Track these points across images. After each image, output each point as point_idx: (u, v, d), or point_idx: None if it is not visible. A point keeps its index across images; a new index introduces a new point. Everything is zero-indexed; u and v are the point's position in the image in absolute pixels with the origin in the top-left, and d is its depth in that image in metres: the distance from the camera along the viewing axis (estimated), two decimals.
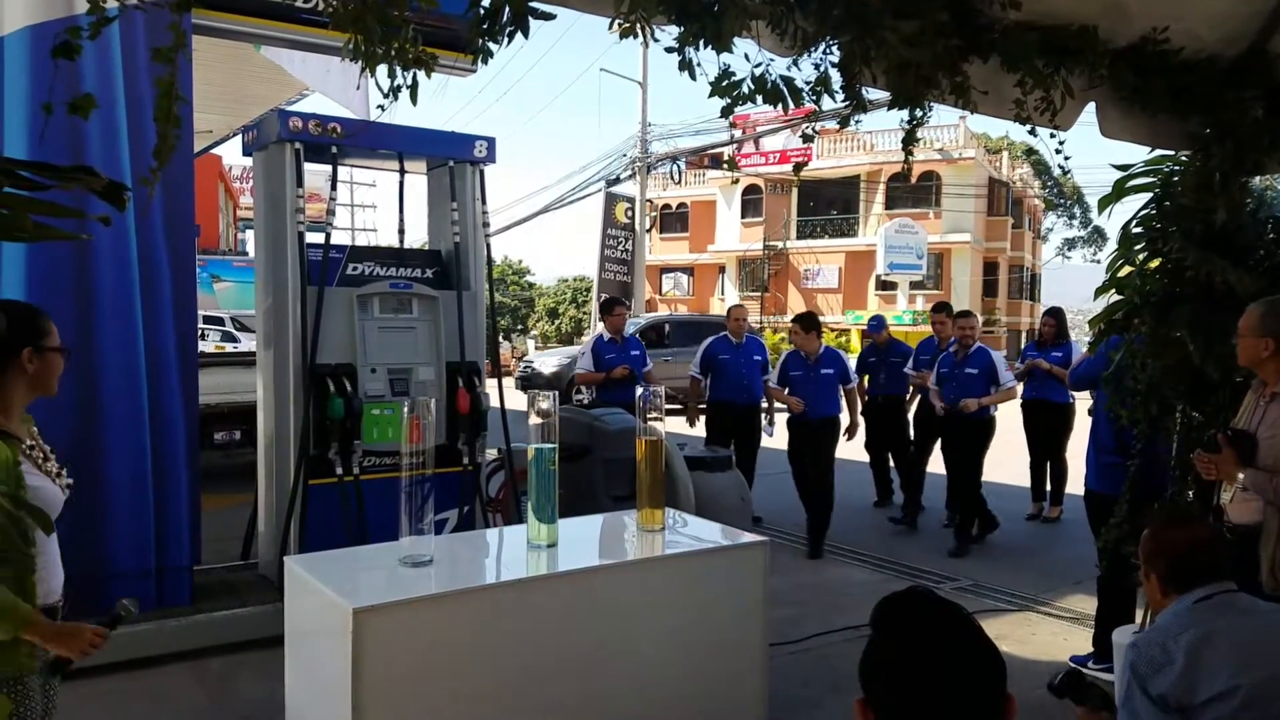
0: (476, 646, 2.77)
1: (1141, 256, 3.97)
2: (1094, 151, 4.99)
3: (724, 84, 2.82)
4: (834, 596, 5.48)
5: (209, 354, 11.69)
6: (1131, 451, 3.93)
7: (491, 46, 2.30)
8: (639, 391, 3.45)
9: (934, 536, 7.03)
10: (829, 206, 34.76)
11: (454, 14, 2.28)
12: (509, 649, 2.81)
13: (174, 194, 4.35)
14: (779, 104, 2.87)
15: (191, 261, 4.62)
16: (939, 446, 7.23)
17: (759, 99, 2.90)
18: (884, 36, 2.91)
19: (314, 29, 4.67)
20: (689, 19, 2.57)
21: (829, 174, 33.21)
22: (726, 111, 2.89)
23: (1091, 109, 3.78)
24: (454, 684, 2.73)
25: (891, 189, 32.71)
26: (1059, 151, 3.61)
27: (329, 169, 4.84)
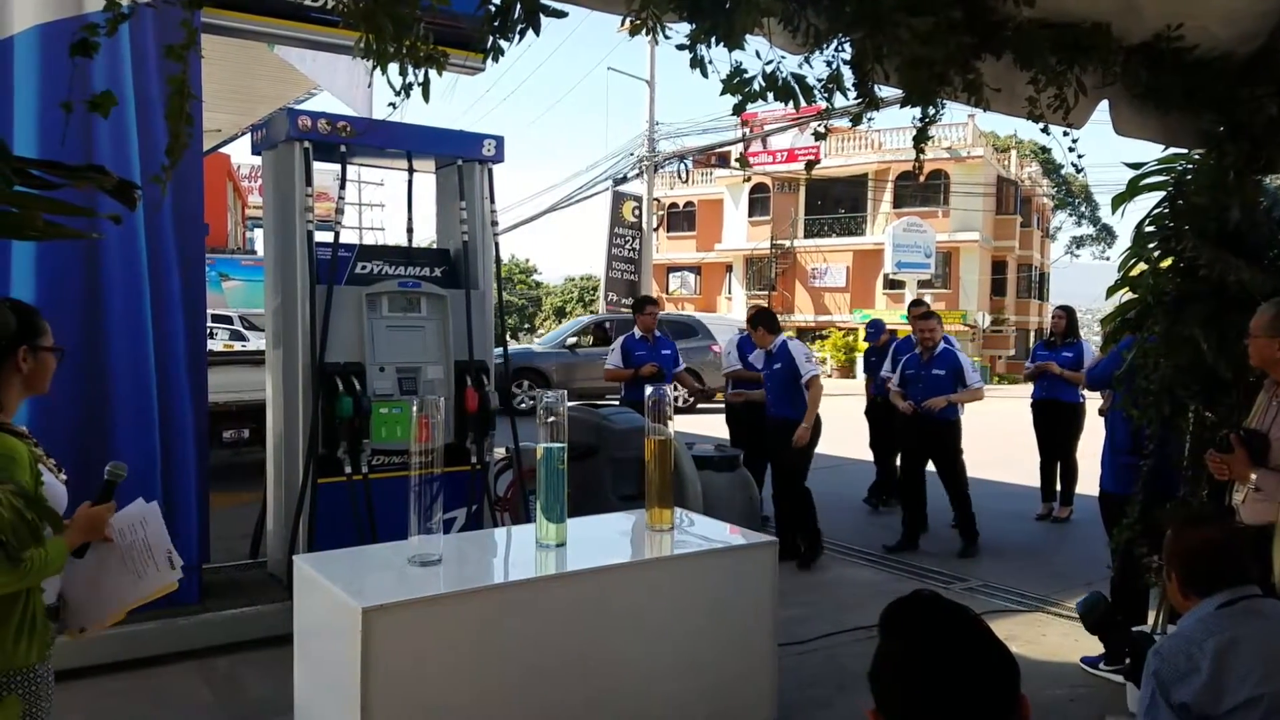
0: (485, 645, 2.77)
1: (1155, 255, 3.95)
2: (1104, 149, 4.96)
3: (736, 81, 2.81)
4: (842, 596, 5.46)
5: (217, 352, 11.70)
6: (1144, 452, 3.91)
7: (502, 44, 2.29)
8: (648, 391, 3.45)
9: (941, 537, 7.01)
10: (837, 205, 34.69)
11: (465, 12, 2.28)
12: (517, 648, 2.80)
13: (183, 193, 4.34)
14: (790, 101, 2.85)
15: (201, 260, 4.61)
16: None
17: (770, 96, 2.88)
18: (897, 33, 2.89)
19: (324, 28, 4.66)
20: (701, 16, 2.56)
21: (837, 172, 33.13)
22: (738, 109, 2.88)
23: (1104, 107, 3.75)
24: (463, 683, 2.73)
25: (900, 187, 32.63)
26: (1072, 149, 3.59)
27: (338, 168, 4.84)
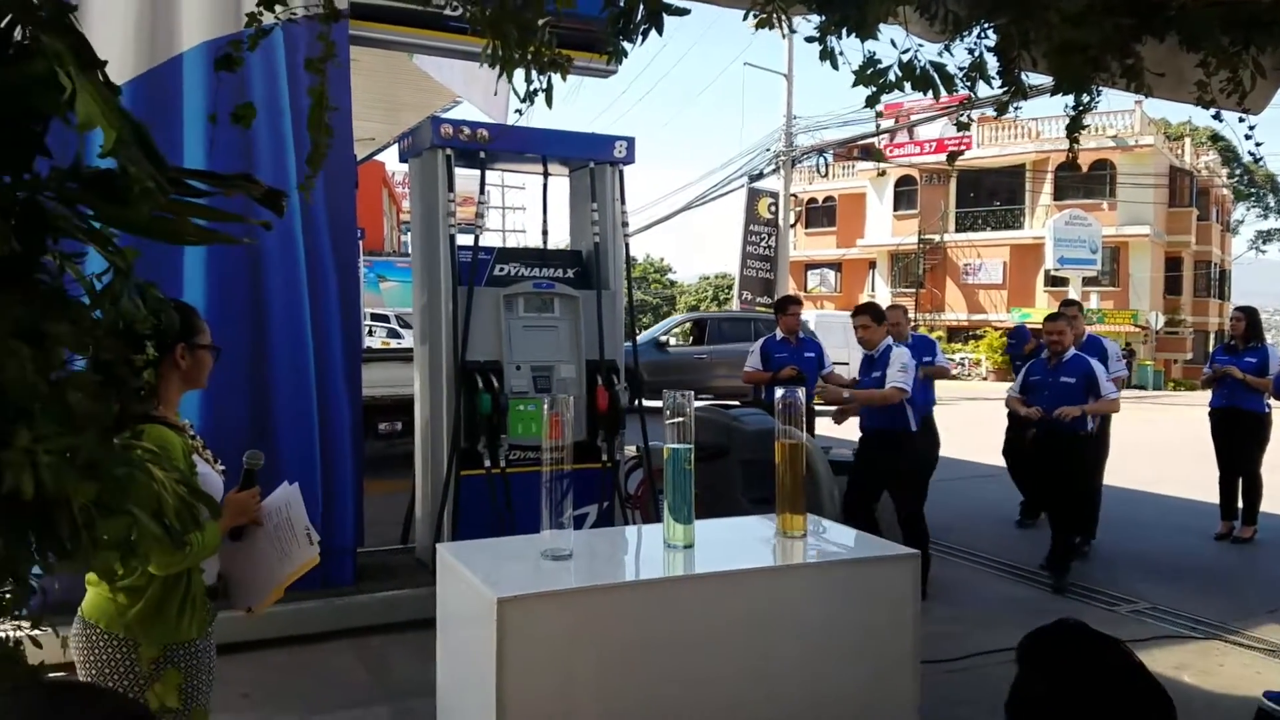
0: (612, 642, 2.79)
1: None
2: None
3: (869, 73, 2.72)
4: (993, 613, 5.20)
5: (375, 350, 12.36)
6: None
7: (627, 46, 2.30)
8: (779, 393, 3.38)
9: (1107, 553, 6.59)
10: (991, 197, 33.18)
11: (590, 15, 2.30)
12: (643, 647, 2.81)
13: (337, 199, 4.61)
14: (929, 91, 2.74)
15: (355, 264, 4.88)
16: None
17: (908, 87, 2.78)
18: (1045, 17, 2.73)
19: (461, 36, 4.84)
20: (831, 7, 2.50)
21: (991, 163, 31.69)
22: (872, 101, 2.79)
23: None
24: (590, 676, 2.76)
25: (1060, 178, 30.89)
26: (1249, 137, 3.29)
27: (481, 174, 5.00)
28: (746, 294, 23.41)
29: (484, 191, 5.05)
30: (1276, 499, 4.81)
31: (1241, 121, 3.28)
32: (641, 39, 2.26)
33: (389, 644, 4.34)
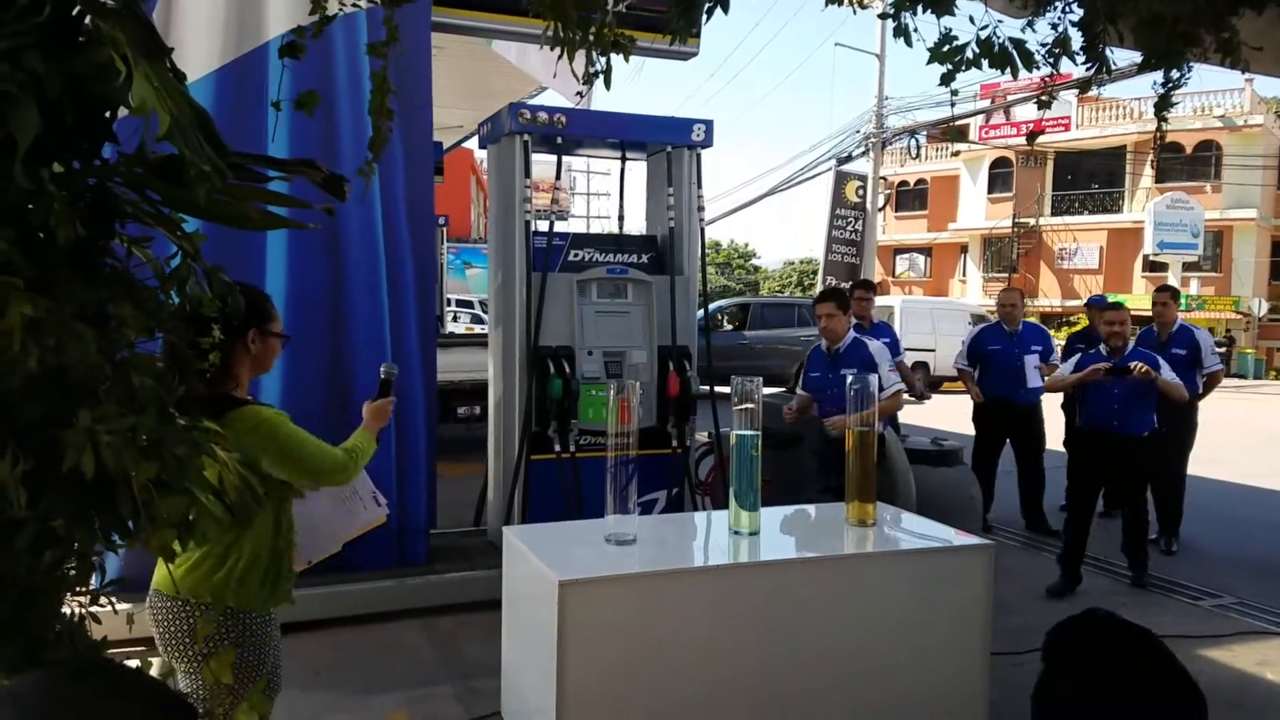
0: (672, 627, 2.78)
1: None
2: None
3: (944, 50, 2.62)
4: (1071, 606, 4.99)
5: (457, 335, 12.58)
6: None
7: (694, 26, 2.26)
8: (849, 380, 3.32)
9: (1191, 548, 6.30)
10: (1090, 180, 31.86)
11: None
12: (705, 633, 2.80)
13: (415, 186, 4.68)
14: (1006, 69, 2.62)
15: (431, 250, 4.96)
16: None
17: (985, 64, 2.67)
18: None
19: (538, 20, 4.85)
20: None
21: (1090, 144, 30.40)
22: (947, 79, 2.69)
23: None
24: (650, 660, 2.76)
25: (1163, 160, 29.45)
26: None
27: (567, 160, 5.00)
28: (831, 279, 23.03)
29: (560, 177, 5.08)
30: None
31: None
32: (707, 18, 2.22)
33: (459, 624, 4.42)
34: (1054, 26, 2.72)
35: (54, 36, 1.22)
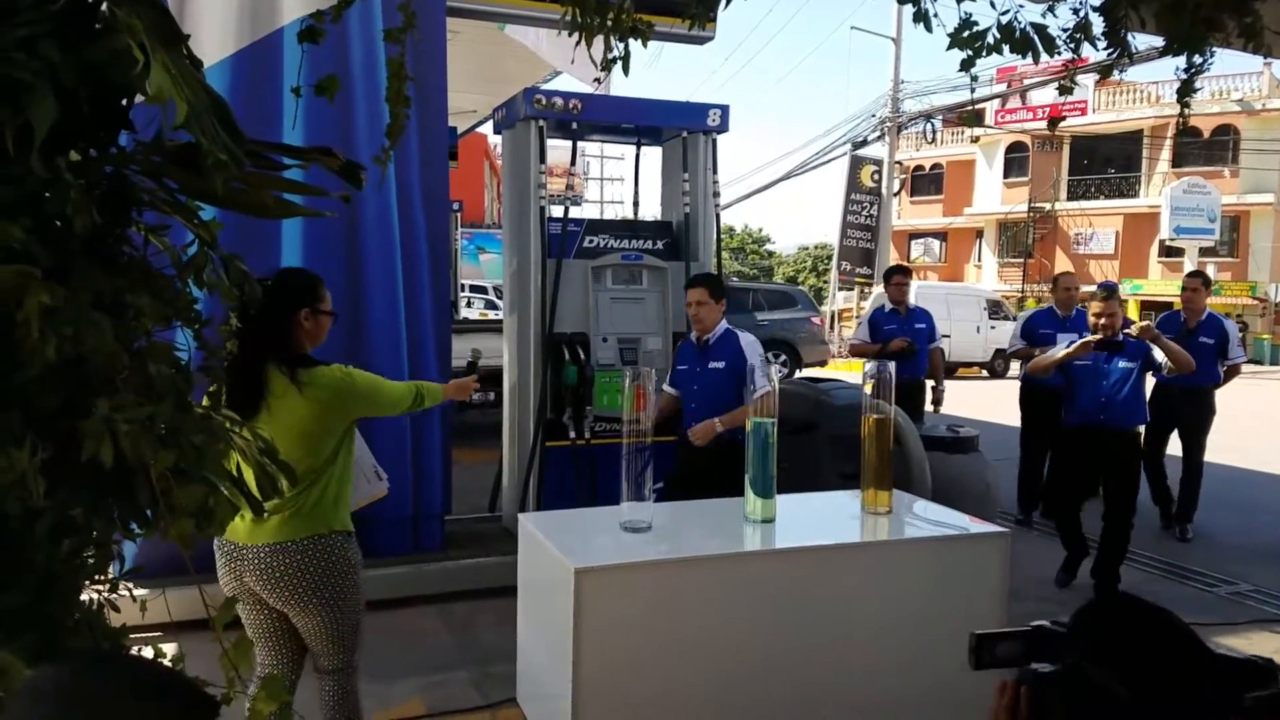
0: (688, 614, 2.78)
1: None
2: None
3: (965, 35, 2.59)
4: (1087, 594, 5.01)
5: (472, 320, 12.60)
6: None
7: (711, 9, 2.24)
8: (866, 366, 3.30)
9: (1207, 534, 6.26)
10: (1106, 164, 31.55)
11: None
12: (719, 620, 2.80)
13: (431, 172, 4.67)
14: (1028, 54, 2.59)
15: (446, 235, 4.95)
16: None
17: (1006, 49, 2.64)
18: None
19: (554, 5, 4.83)
20: None
21: (1106, 129, 30.09)
22: (967, 65, 2.66)
23: None
24: (666, 647, 2.76)
25: (1180, 145, 29.13)
26: None
27: (583, 146, 4.98)
28: (846, 264, 22.96)
29: (575, 162, 5.06)
30: None
31: None
32: (725, 3, 2.19)
33: (474, 610, 4.44)
34: (1075, 11, 2.69)
35: (70, 24, 1.21)
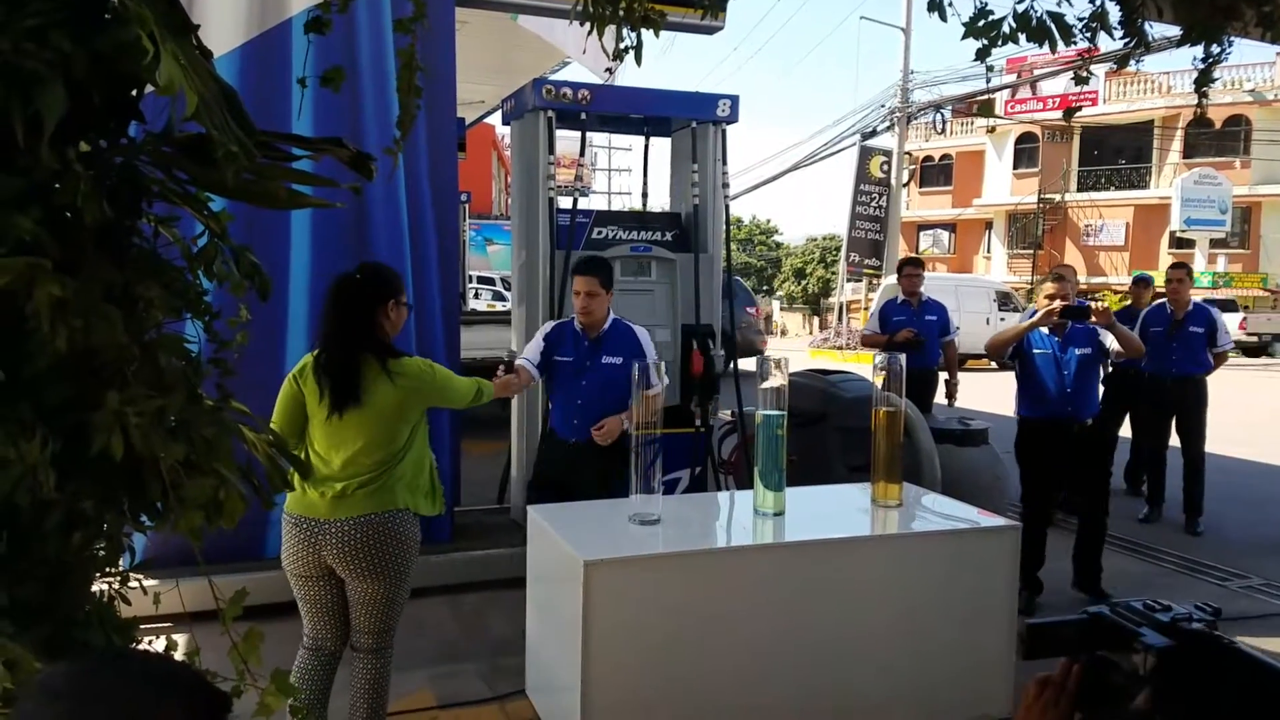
0: (697, 607, 2.78)
1: None
2: None
3: (980, 24, 2.56)
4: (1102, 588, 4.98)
5: (480, 312, 12.57)
6: None
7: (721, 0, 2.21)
8: (876, 358, 3.28)
9: (1218, 528, 6.22)
10: (1116, 155, 31.34)
11: None
12: (729, 613, 2.79)
13: (439, 163, 4.66)
14: (1044, 44, 2.56)
15: (455, 226, 4.93)
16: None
17: (1022, 38, 2.61)
18: None
19: None
20: None
21: (1117, 119, 29.88)
22: (983, 55, 2.63)
23: None
24: (675, 639, 2.76)
25: (1191, 135, 28.92)
26: None
27: (591, 137, 4.97)
28: (854, 255, 22.87)
29: (584, 153, 5.03)
30: None
31: None
32: None
33: (483, 602, 4.44)
34: (1092, 0, 2.65)
35: (80, 15, 1.20)
